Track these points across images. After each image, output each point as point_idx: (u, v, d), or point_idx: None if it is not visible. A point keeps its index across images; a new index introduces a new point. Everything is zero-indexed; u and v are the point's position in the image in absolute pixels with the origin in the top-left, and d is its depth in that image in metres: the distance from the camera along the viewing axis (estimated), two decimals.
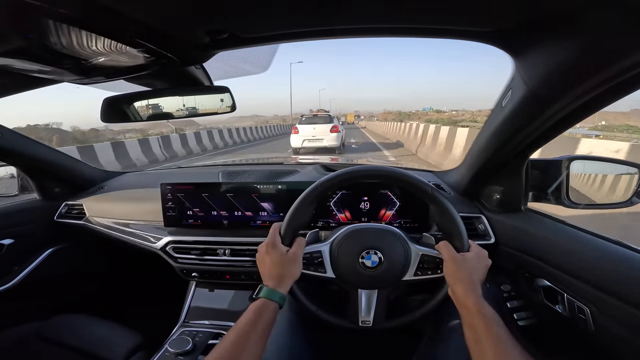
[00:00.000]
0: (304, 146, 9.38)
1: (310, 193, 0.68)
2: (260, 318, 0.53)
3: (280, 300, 0.57)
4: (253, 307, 0.55)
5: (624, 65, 0.41)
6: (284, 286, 0.60)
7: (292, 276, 0.62)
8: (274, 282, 0.59)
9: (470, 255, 0.62)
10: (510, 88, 0.61)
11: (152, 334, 0.94)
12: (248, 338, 0.51)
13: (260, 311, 0.54)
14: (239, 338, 0.50)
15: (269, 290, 0.58)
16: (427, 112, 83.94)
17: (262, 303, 0.56)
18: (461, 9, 0.47)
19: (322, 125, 9.39)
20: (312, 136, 9.24)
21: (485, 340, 0.49)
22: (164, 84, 0.78)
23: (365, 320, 0.67)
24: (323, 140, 9.21)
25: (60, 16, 0.43)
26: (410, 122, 14.77)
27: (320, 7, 0.48)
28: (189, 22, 0.51)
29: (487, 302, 0.55)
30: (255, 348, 0.51)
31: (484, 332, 0.50)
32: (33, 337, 0.94)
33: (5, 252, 1.07)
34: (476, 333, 0.51)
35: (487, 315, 0.52)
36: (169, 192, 1.01)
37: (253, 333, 0.51)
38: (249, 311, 0.55)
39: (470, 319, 0.53)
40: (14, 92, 0.80)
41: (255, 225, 1.00)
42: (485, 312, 0.52)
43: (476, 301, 0.54)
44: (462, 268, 0.59)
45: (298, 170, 1.21)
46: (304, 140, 9.32)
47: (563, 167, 0.79)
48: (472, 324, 0.52)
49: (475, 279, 0.59)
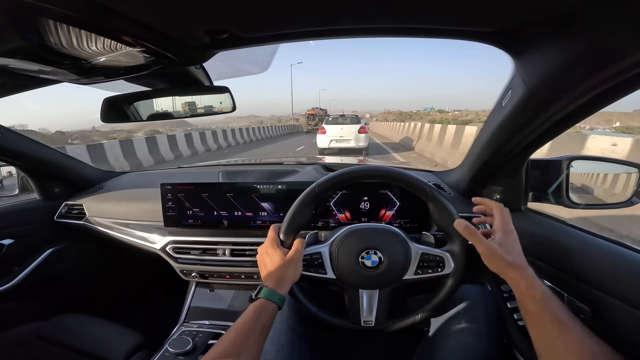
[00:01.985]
0: (331, 146, 9.35)
1: (308, 195, 0.68)
2: (259, 318, 0.54)
3: (279, 301, 0.58)
4: (252, 307, 0.56)
5: (624, 65, 0.41)
6: (284, 287, 0.60)
7: (292, 277, 0.62)
8: (273, 283, 0.60)
9: (502, 239, 0.57)
10: (510, 88, 0.61)
11: (152, 334, 0.94)
12: (247, 338, 0.51)
13: (259, 311, 0.55)
14: (237, 337, 0.51)
15: (268, 291, 0.58)
16: (429, 112, 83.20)
17: (261, 303, 0.56)
18: (461, 9, 0.47)
19: (350, 126, 9.34)
20: (339, 137, 9.20)
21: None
22: (164, 84, 0.78)
23: (368, 321, 0.67)
24: (351, 140, 9.16)
25: (60, 16, 0.43)
26: (415, 122, 14.67)
27: (320, 7, 0.48)
28: (188, 22, 0.51)
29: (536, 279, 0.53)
30: (253, 348, 0.51)
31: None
32: (33, 337, 0.94)
33: (5, 252, 1.07)
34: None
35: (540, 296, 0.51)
36: (169, 192, 1.01)
37: (252, 333, 0.52)
38: (248, 311, 0.55)
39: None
40: (14, 92, 0.80)
41: (255, 225, 1.00)
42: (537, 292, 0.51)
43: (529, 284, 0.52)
44: (503, 255, 0.55)
45: (298, 170, 1.21)
46: (332, 141, 9.28)
47: (563, 167, 0.79)
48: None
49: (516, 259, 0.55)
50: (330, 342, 0.89)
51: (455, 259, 0.67)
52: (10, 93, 0.79)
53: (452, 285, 0.67)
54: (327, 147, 9.37)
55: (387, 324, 0.68)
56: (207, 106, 0.80)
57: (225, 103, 0.80)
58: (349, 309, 0.69)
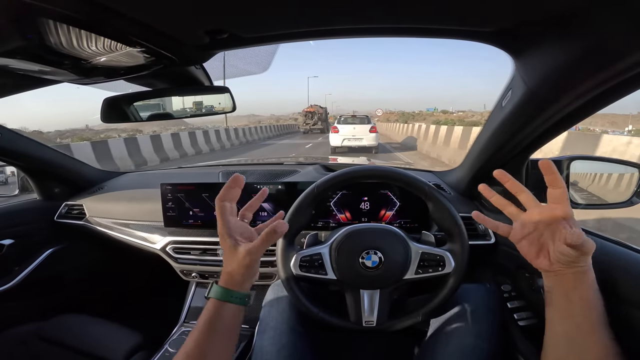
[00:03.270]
0: (344, 145, 9.92)
1: (307, 196, 0.68)
2: (219, 318, 0.48)
3: (238, 300, 0.50)
4: (209, 306, 0.50)
5: (624, 65, 0.41)
6: (240, 286, 0.51)
7: (242, 279, 0.52)
8: (224, 279, 0.52)
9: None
10: (510, 88, 0.61)
11: (152, 334, 0.94)
12: (209, 339, 0.46)
13: (217, 310, 0.49)
14: (200, 339, 0.46)
15: (218, 289, 0.51)
16: (432, 113, 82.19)
17: (212, 303, 0.50)
18: (461, 9, 0.47)
19: (362, 126, 9.97)
20: (352, 136, 9.78)
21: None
22: (164, 84, 0.78)
23: (369, 321, 0.67)
24: (362, 139, 9.74)
25: (60, 16, 0.43)
26: (419, 123, 14.50)
27: (321, 7, 0.48)
28: (188, 22, 0.51)
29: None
30: (221, 350, 0.47)
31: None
32: (33, 337, 0.94)
33: (5, 252, 1.07)
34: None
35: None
36: (169, 192, 1.01)
37: (213, 334, 0.47)
38: (206, 309, 0.49)
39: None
40: (14, 92, 0.79)
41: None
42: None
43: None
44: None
45: (298, 170, 1.21)
46: (344, 140, 9.85)
47: (563, 167, 0.79)
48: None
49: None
50: (331, 343, 0.89)
51: (456, 258, 0.67)
52: (10, 93, 0.79)
53: (453, 284, 0.67)
54: (339, 145, 9.97)
55: (388, 324, 0.68)
56: (207, 106, 0.80)
57: (225, 103, 0.80)
58: (350, 309, 0.69)
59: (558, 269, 0.46)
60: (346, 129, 9.97)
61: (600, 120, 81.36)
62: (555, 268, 0.46)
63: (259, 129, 20.97)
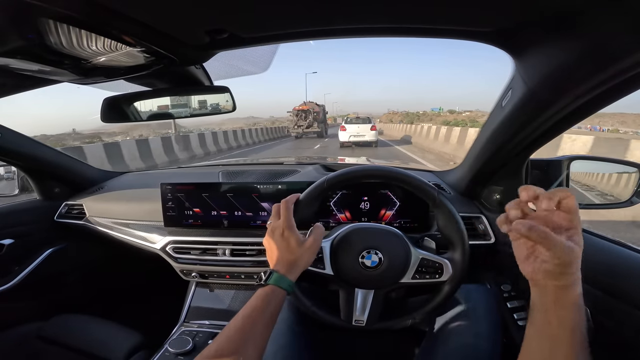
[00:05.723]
0: (350, 140, 12.64)
1: (315, 188, 0.68)
2: (268, 305, 0.50)
3: (289, 287, 0.54)
4: (261, 294, 0.52)
5: (624, 65, 0.41)
6: (294, 274, 0.56)
7: (304, 264, 0.58)
8: (285, 268, 0.55)
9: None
10: (510, 88, 0.61)
11: (152, 334, 0.94)
12: (254, 325, 0.48)
13: (268, 298, 0.51)
14: (244, 325, 0.47)
15: (279, 276, 0.54)
16: (439, 113, 79.66)
17: (270, 290, 0.52)
18: (461, 9, 0.47)
19: (364, 125, 12.91)
20: (356, 133, 12.68)
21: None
22: (164, 84, 0.78)
23: (359, 320, 0.67)
24: (365, 136, 12.57)
25: (60, 16, 0.43)
26: (427, 124, 14.64)
27: (320, 7, 0.48)
28: (188, 22, 0.51)
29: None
30: (260, 336, 0.48)
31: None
32: (33, 337, 0.94)
33: (5, 252, 1.07)
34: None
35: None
36: (169, 192, 1.01)
37: (260, 320, 0.48)
38: (256, 297, 0.51)
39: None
40: (14, 92, 0.80)
41: (255, 225, 1.00)
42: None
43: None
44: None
45: (298, 170, 1.21)
46: (350, 136, 12.64)
47: (563, 167, 0.79)
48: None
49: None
50: (330, 343, 0.89)
51: (455, 266, 0.66)
52: (10, 93, 0.79)
53: (447, 292, 0.67)
54: (347, 140, 12.65)
55: (377, 325, 0.68)
56: (207, 106, 0.80)
57: (225, 103, 0.80)
58: (342, 306, 0.69)
59: (540, 278, 0.44)
60: (352, 127, 12.83)
61: (610, 119, 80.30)
62: (537, 277, 0.44)
63: (268, 131, 17.87)
